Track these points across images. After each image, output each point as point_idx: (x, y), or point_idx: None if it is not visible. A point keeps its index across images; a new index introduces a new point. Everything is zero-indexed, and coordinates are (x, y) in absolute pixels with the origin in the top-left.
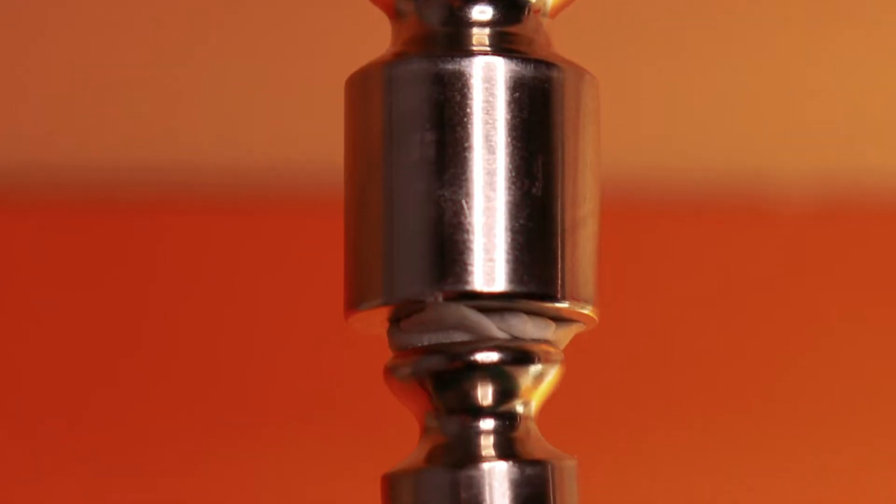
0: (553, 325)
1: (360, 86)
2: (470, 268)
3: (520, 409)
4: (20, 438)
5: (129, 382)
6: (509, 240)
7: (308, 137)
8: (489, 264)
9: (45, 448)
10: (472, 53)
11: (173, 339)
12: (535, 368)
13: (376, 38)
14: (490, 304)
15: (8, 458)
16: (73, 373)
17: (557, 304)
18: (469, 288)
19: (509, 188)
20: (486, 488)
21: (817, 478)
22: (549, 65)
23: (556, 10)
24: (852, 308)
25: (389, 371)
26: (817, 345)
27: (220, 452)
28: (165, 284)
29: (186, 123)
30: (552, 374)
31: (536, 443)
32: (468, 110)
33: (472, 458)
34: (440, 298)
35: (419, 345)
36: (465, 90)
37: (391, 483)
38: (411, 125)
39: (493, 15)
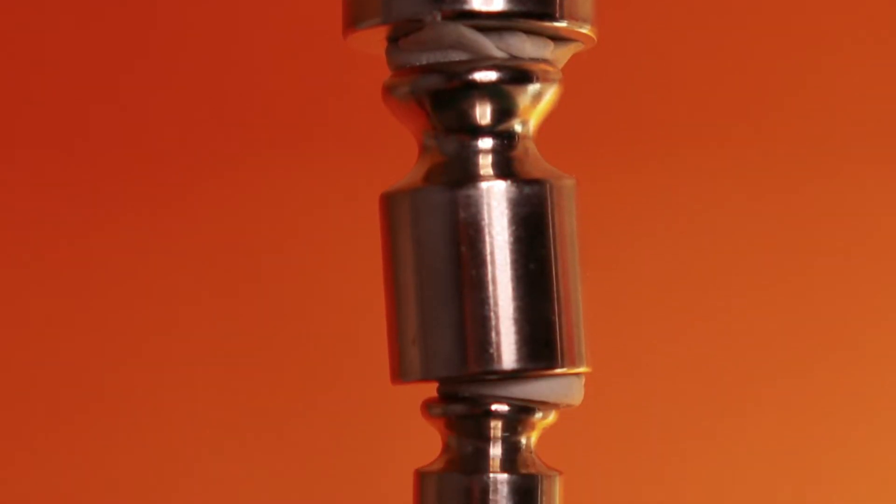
0: (552, 44)
1: None
2: None
3: (518, 128)
4: (21, 154)
5: (130, 100)
6: None
7: None
8: None
9: (43, 170)
10: None
11: (173, 56)
12: (533, 87)
13: None
14: (488, 23)
15: (7, 179)
16: (73, 92)
17: (556, 23)
18: (467, 7)
19: None
20: (485, 207)
21: (814, 196)
22: None
23: None
24: (853, 12)
25: (388, 90)
26: (816, 49)
27: (218, 172)
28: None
29: None
30: (550, 94)
31: (535, 162)
32: None
33: (471, 176)
34: (439, 17)
35: (417, 64)
36: None
37: (389, 201)
38: None
39: None
